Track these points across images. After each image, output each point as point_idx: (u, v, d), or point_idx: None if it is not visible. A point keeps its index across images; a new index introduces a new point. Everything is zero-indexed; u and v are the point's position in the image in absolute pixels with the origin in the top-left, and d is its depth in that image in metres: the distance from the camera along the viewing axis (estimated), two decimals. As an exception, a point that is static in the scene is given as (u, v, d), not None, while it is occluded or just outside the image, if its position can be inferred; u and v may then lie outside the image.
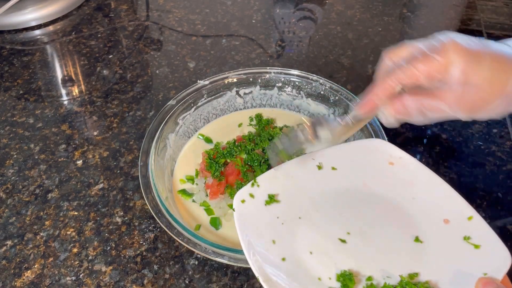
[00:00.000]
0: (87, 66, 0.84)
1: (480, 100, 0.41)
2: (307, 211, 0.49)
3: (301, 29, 0.92)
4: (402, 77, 0.41)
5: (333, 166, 0.54)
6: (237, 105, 0.71)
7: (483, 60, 0.39)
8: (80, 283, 0.53)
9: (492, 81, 0.39)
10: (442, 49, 0.40)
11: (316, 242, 0.47)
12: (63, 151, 0.68)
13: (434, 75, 0.40)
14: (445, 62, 0.39)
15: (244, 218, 0.48)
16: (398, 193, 0.50)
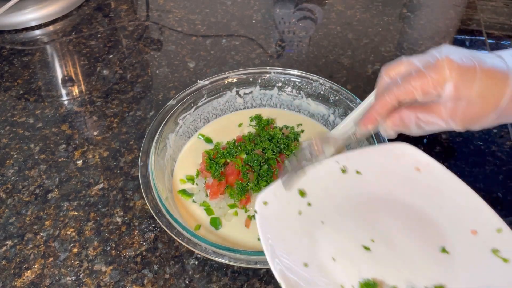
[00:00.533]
0: (87, 66, 0.84)
1: (473, 115, 0.42)
2: (330, 216, 0.48)
3: (301, 29, 0.92)
4: (398, 93, 0.43)
5: (358, 170, 0.52)
6: (237, 105, 0.71)
7: (476, 76, 0.41)
8: (80, 283, 0.53)
9: (485, 96, 0.41)
10: (436, 66, 0.41)
11: (340, 249, 0.45)
12: (63, 151, 0.68)
13: (429, 91, 0.42)
14: (439, 79, 0.41)
15: (267, 221, 0.47)
16: (425, 201, 0.49)
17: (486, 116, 0.42)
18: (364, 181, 0.51)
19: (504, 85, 0.41)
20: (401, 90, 0.43)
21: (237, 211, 0.58)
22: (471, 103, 0.41)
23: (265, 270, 0.54)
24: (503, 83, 0.41)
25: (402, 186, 0.50)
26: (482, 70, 0.41)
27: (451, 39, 0.91)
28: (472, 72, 0.41)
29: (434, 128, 0.45)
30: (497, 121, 0.43)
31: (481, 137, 0.70)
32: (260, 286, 0.52)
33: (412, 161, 0.52)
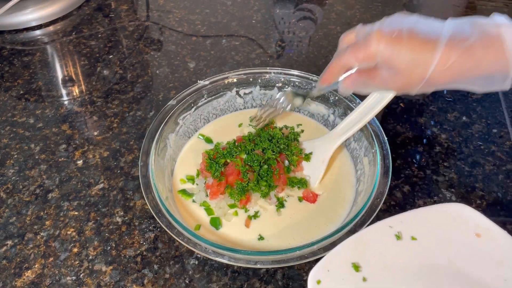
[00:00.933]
0: (87, 66, 0.84)
1: (404, 84, 0.46)
2: (381, 284, 0.46)
3: (301, 29, 0.93)
4: (341, 61, 0.49)
5: (413, 236, 0.49)
6: (237, 105, 0.71)
7: (402, 48, 0.43)
8: (80, 283, 0.53)
9: (411, 68, 0.44)
10: (367, 39, 0.45)
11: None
12: (63, 151, 0.68)
13: (365, 61, 0.46)
14: (369, 50, 0.45)
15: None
16: (488, 273, 0.46)
17: (415, 85, 0.45)
18: (421, 248, 0.48)
19: (430, 56, 0.42)
20: (342, 59, 0.49)
21: (237, 211, 0.58)
22: (400, 73, 0.44)
23: (265, 270, 0.54)
24: (430, 54, 0.42)
25: (463, 254, 0.47)
26: (409, 42, 0.43)
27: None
28: (400, 44, 0.43)
29: (379, 90, 0.53)
30: (428, 89, 0.46)
31: (481, 137, 0.70)
32: (260, 286, 0.52)
33: (471, 225, 0.49)
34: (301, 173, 0.62)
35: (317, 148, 0.63)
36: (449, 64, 0.42)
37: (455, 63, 0.42)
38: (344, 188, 0.61)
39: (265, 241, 0.55)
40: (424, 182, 0.63)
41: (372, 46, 0.45)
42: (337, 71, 0.51)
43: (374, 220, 0.50)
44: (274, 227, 0.56)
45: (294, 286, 0.53)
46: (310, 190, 0.60)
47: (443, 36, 0.42)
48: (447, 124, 0.72)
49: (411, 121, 0.72)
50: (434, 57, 0.42)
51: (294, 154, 0.61)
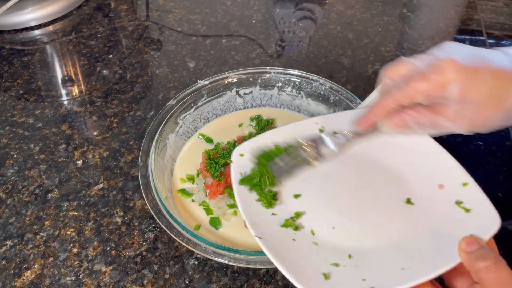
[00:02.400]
0: (87, 66, 0.84)
1: (479, 117, 0.41)
2: (302, 171, 0.51)
3: (301, 29, 0.92)
4: (399, 97, 0.43)
5: (335, 131, 0.54)
6: (237, 105, 0.71)
7: (481, 77, 0.39)
8: (80, 283, 0.53)
9: (490, 98, 0.40)
10: (439, 67, 0.40)
11: (303, 192, 0.49)
12: (63, 151, 0.68)
13: (431, 94, 0.41)
14: (442, 81, 0.40)
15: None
16: (396, 159, 0.51)
17: (493, 118, 0.41)
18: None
19: (509, 86, 0.40)
20: (402, 93, 0.42)
21: (236, 211, 0.58)
22: (478, 105, 0.40)
23: (265, 270, 0.54)
24: (508, 84, 0.40)
25: (375, 145, 0.52)
26: (487, 70, 0.40)
27: (451, 39, 0.91)
28: (477, 73, 0.39)
29: (438, 130, 0.45)
30: (502, 124, 0.42)
31: (481, 137, 0.70)
32: (260, 286, 0.52)
33: None
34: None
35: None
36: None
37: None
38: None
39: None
40: (424, 182, 0.63)
41: (448, 73, 0.39)
42: (386, 110, 0.44)
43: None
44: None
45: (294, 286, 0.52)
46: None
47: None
48: (447, 124, 0.72)
49: (411, 121, 0.72)
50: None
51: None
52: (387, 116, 0.46)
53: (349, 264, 0.43)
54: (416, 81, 0.41)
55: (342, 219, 0.47)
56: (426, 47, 0.87)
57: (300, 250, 0.44)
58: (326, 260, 0.43)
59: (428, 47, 0.87)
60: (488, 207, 0.44)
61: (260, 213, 0.48)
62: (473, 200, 0.45)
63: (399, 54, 0.86)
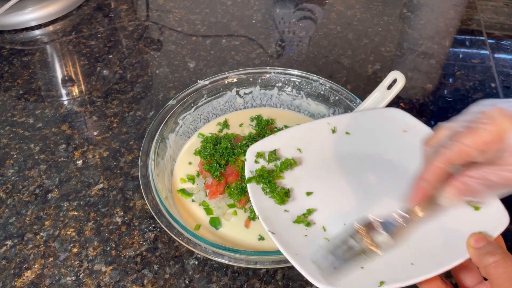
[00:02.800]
0: (87, 66, 0.84)
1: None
2: (317, 168, 0.53)
3: (301, 29, 0.92)
4: (450, 155, 0.38)
5: (347, 131, 0.56)
6: (237, 105, 0.71)
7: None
8: (80, 283, 0.53)
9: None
10: (488, 117, 0.37)
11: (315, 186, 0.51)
12: (63, 151, 0.68)
13: (487, 147, 0.37)
14: (496, 129, 0.37)
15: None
16: (406, 159, 0.51)
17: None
18: (351, 140, 0.55)
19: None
20: (452, 150, 0.38)
21: (236, 210, 0.58)
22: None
23: (265, 271, 0.54)
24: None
25: (389, 145, 0.54)
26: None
27: (451, 39, 0.91)
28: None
29: (509, 186, 0.39)
30: None
31: (481, 137, 0.70)
32: (260, 286, 0.52)
33: (401, 124, 0.55)
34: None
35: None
36: None
37: None
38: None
39: (265, 241, 0.55)
40: (424, 182, 0.63)
41: (497, 122, 0.36)
42: (439, 175, 0.39)
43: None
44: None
45: (294, 286, 0.52)
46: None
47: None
48: (447, 124, 0.72)
49: (411, 121, 0.72)
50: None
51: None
52: (443, 183, 0.40)
53: (359, 259, 0.43)
54: (465, 134, 0.37)
55: (353, 216, 0.47)
56: (426, 47, 0.87)
57: (312, 245, 0.45)
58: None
59: (428, 47, 0.87)
60: (497, 205, 0.44)
61: (273, 209, 0.49)
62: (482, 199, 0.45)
63: (399, 54, 0.86)
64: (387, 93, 0.57)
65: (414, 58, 0.85)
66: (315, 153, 0.55)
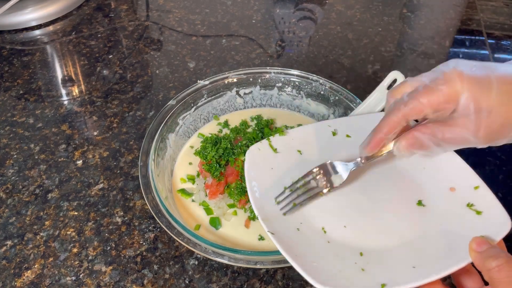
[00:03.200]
0: (87, 66, 0.84)
1: (498, 125, 0.39)
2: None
3: (301, 29, 0.92)
4: (406, 111, 0.40)
5: (348, 134, 0.56)
6: (237, 105, 0.71)
7: (492, 84, 0.38)
8: (80, 283, 0.53)
9: (502, 104, 0.38)
10: (446, 79, 0.39)
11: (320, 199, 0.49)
12: (63, 151, 0.68)
13: (440, 107, 0.39)
14: (451, 91, 0.38)
15: (254, 164, 0.53)
16: (409, 162, 0.51)
17: (508, 130, 0.39)
18: (352, 143, 0.53)
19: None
20: (408, 107, 0.40)
21: (236, 210, 0.58)
22: (493, 113, 0.38)
23: (265, 271, 0.54)
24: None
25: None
26: (496, 77, 0.38)
27: (451, 39, 0.91)
28: (488, 81, 0.38)
29: (455, 146, 0.42)
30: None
31: (481, 137, 0.70)
32: (260, 286, 0.52)
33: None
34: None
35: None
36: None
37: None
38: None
39: (265, 241, 0.55)
40: (424, 182, 0.63)
41: (456, 83, 0.38)
42: (394, 128, 0.42)
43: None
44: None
45: (294, 286, 0.52)
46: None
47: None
48: (447, 124, 0.72)
49: (411, 121, 0.72)
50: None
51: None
52: (397, 136, 0.43)
53: (360, 261, 0.43)
54: (423, 93, 0.39)
55: (353, 218, 0.47)
56: (426, 47, 0.87)
57: (312, 247, 0.45)
58: (337, 257, 0.44)
59: (428, 47, 0.87)
60: (499, 210, 0.44)
61: (272, 211, 0.49)
62: (484, 202, 0.46)
63: (399, 54, 0.86)
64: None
65: (414, 58, 0.85)
66: (315, 155, 0.55)
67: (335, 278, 0.41)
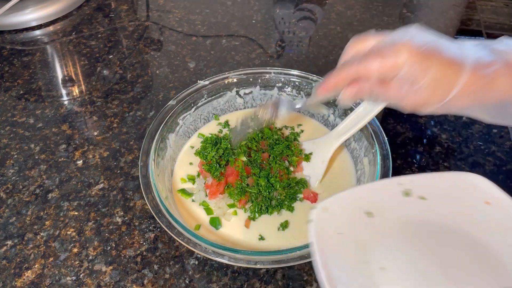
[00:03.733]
0: (87, 66, 0.84)
1: (421, 101, 0.43)
2: (389, 236, 0.45)
3: (301, 29, 0.93)
4: (358, 69, 0.45)
5: (422, 196, 0.49)
6: (237, 105, 0.71)
7: (431, 66, 0.41)
8: (80, 283, 0.53)
9: (435, 88, 0.42)
10: (396, 49, 0.42)
11: (392, 263, 0.43)
12: (63, 151, 0.68)
13: (386, 72, 0.43)
14: (396, 62, 0.42)
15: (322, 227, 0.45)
16: (492, 237, 0.45)
17: (432, 105, 0.43)
18: (428, 207, 0.48)
19: (456, 78, 0.41)
20: (360, 67, 0.45)
21: (236, 210, 0.58)
22: (420, 91, 0.42)
23: (265, 270, 0.54)
24: (455, 76, 0.41)
25: (469, 217, 0.47)
26: (438, 60, 0.42)
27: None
28: (429, 60, 0.41)
29: (385, 103, 0.49)
30: (440, 111, 0.44)
31: (481, 137, 0.70)
32: (260, 286, 0.52)
33: (482, 194, 0.48)
34: (301, 174, 0.62)
35: (317, 149, 0.63)
36: (472, 89, 0.41)
37: (476, 89, 0.41)
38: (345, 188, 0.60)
39: (265, 241, 0.55)
40: (424, 182, 0.63)
41: (402, 56, 0.42)
42: (345, 79, 0.47)
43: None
44: (274, 227, 0.56)
45: (294, 286, 0.52)
46: (311, 190, 0.60)
47: (468, 59, 0.42)
48: (447, 124, 0.72)
49: (411, 121, 0.72)
50: (459, 80, 0.41)
51: (294, 154, 0.61)
52: (343, 86, 0.48)
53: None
54: (372, 59, 0.44)
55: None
56: (426, 47, 0.87)
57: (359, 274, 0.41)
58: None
59: (428, 47, 0.87)
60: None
61: (343, 270, 0.42)
62: None
63: (399, 54, 0.86)
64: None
65: (414, 58, 0.85)
66: (386, 219, 0.47)
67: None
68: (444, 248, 0.45)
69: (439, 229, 0.46)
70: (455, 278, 0.42)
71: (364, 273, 0.42)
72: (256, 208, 0.57)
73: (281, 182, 0.58)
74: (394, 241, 0.45)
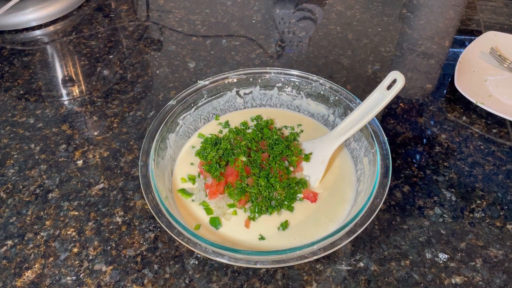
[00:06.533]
0: (88, 66, 0.84)
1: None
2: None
3: (301, 29, 0.93)
4: None
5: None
6: (237, 105, 0.71)
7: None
8: (80, 283, 0.53)
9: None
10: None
11: None
12: (63, 151, 0.68)
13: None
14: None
15: None
16: None
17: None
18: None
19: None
20: None
21: (236, 210, 0.58)
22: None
23: (265, 270, 0.54)
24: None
25: None
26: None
27: (450, 39, 0.91)
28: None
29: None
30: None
31: (481, 137, 0.70)
32: (260, 286, 0.52)
33: None
34: (301, 173, 0.62)
35: (317, 148, 0.63)
36: None
37: None
38: (344, 188, 0.61)
39: (265, 241, 0.55)
40: (424, 182, 0.63)
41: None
42: None
43: (374, 220, 0.51)
44: (274, 227, 0.56)
45: (294, 286, 0.53)
46: (310, 190, 0.60)
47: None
48: (447, 124, 0.72)
49: (411, 121, 0.72)
50: None
51: (293, 154, 0.61)
52: None
53: None
54: None
55: None
56: (426, 47, 0.87)
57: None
58: None
59: (427, 47, 0.87)
60: None
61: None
62: None
63: (398, 54, 0.86)
64: (387, 93, 0.57)
65: (413, 58, 0.85)
66: None
67: None
68: None
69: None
70: None
71: None
72: (256, 208, 0.57)
73: (281, 182, 0.58)
74: None
